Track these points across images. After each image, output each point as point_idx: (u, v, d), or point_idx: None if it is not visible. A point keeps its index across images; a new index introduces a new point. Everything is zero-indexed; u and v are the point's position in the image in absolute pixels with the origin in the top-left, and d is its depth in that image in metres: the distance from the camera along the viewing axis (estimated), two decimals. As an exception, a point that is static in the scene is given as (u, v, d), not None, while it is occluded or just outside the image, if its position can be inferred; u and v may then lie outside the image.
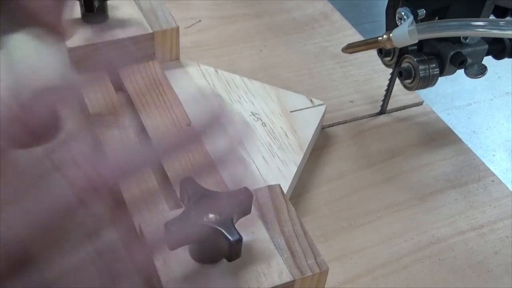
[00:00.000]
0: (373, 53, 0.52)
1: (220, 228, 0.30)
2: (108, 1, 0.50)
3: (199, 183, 0.33)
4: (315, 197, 0.46)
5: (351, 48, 0.50)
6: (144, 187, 0.40)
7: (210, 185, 0.41)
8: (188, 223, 0.31)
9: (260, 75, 0.57)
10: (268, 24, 0.64)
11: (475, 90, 1.30)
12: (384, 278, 0.41)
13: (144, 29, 0.50)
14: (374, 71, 0.59)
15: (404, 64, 0.49)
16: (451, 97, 1.27)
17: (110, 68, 0.27)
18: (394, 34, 0.45)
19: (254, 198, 0.34)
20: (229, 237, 0.30)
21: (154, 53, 0.51)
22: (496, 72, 1.33)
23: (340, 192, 0.47)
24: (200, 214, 0.32)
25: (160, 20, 0.51)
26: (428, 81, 0.48)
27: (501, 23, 0.40)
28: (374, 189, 0.48)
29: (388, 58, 0.51)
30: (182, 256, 0.33)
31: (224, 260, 0.33)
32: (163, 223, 0.32)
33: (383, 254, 0.43)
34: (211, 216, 0.32)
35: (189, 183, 0.33)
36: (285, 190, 0.41)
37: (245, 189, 0.33)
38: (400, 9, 0.45)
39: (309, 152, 0.48)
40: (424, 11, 0.44)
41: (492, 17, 0.46)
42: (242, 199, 0.32)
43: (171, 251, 0.32)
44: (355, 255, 0.43)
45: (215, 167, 0.28)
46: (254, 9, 0.66)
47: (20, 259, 0.22)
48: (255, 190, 0.38)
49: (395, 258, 0.43)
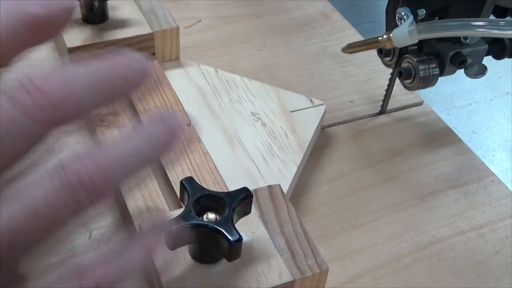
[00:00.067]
0: (373, 53, 0.52)
1: (220, 228, 0.30)
2: (108, 1, 0.50)
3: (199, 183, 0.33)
4: (315, 197, 0.46)
5: (351, 48, 0.50)
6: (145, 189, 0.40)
7: (210, 185, 0.41)
8: (188, 223, 0.31)
9: (260, 75, 0.56)
10: (268, 24, 0.64)
11: (475, 90, 1.30)
12: (384, 278, 0.41)
13: (144, 29, 0.50)
14: (374, 71, 0.59)
15: (404, 64, 0.49)
16: (451, 97, 1.27)
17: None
18: (394, 34, 0.45)
19: (254, 198, 0.34)
20: (229, 237, 0.30)
21: (154, 53, 0.51)
22: (496, 72, 1.33)
23: (340, 192, 0.47)
24: (200, 214, 0.32)
25: (160, 20, 0.51)
26: (428, 81, 0.48)
27: (501, 23, 0.40)
28: (374, 189, 0.47)
29: (388, 58, 0.51)
30: (182, 256, 0.33)
31: (224, 260, 0.33)
32: (163, 223, 0.32)
33: (383, 254, 0.43)
34: (211, 216, 0.32)
35: (189, 183, 0.33)
36: (285, 190, 0.41)
37: (245, 189, 0.33)
38: (400, 9, 0.45)
39: (309, 152, 0.48)
40: (424, 11, 0.44)
41: (492, 17, 0.46)
42: (242, 199, 0.32)
43: (171, 251, 0.32)
44: (355, 255, 0.43)
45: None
46: (254, 9, 0.66)
47: None
48: (255, 190, 0.38)
49: (395, 258, 0.43)
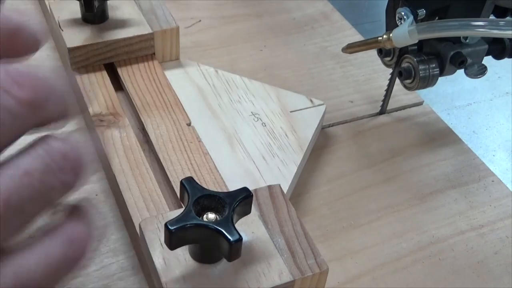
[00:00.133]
0: (373, 53, 0.52)
1: (220, 228, 0.30)
2: (108, 1, 0.50)
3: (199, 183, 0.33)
4: (315, 197, 0.46)
5: (351, 48, 0.50)
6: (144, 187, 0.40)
7: (210, 185, 0.41)
8: (188, 223, 0.31)
9: (260, 75, 0.56)
10: (268, 24, 0.64)
11: (475, 90, 1.30)
12: (384, 278, 0.41)
13: (144, 29, 0.50)
14: (374, 71, 0.59)
15: (404, 64, 0.49)
16: (451, 97, 1.27)
17: None
18: (394, 34, 0.45)
19: (254, 198, 0.34)
20: (229, 237, 0.30)
21: (154, 53, 0.51)
22: (496, 72, 1.33)
23: (340, 192, 0.47)
24: (200, 214, 0.32)
25: (160, 20, 0.51)
26: (428, 81, 0.48)
27: (501, 23, 0.40)
28: (374, 189, 0.47)
29: (388, 58, 0.51)
30: (182, 256, 0.33)
31: (224, 260, 0.33)
32: (163, 223, 0.32)
33: (383, 254, 0.43)
34: (211, 216, 0.32)
35: (189, 183, 0.33)
36: (285, 190, 0.41)
37: (245, 189, 0.33)
38: (400, 9, 0.45)
39: (309, 152, 0.48)
40: (424, 11, 0.44)
41: (492, 17, 0.46)
42: (242, 199, 0.32)
43: (171, 251, 0.32)
44: (355, 255, 0.43)
45: None
46: (254, 9, 0.66)
47: None
48: (255, 190, 0.38)
49: (395, 258, 0.43)
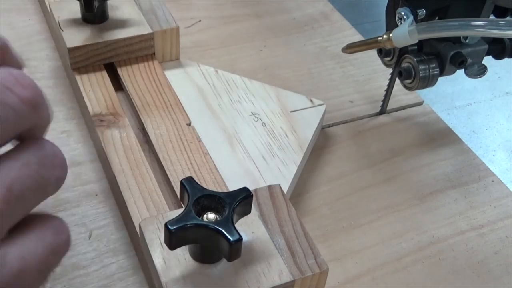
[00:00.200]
0: (373, 53, 0.52)
1: (220, 228, 0.30)
2: (108, 1, 0.50)
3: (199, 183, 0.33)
4: (315, 197, 0.46)
5: (351, 48, 0.50)
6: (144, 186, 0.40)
7: (210, 185, 0.41)
8: (188, 223, 0.31)
9: (260, 75, 0.56)
10: (268, 24, 0.64)
11: (475, 90, 1.30)
12: (384, 278, 0.41)
13: (144, 29, 0.50)
14: (374, 71, 0.59)
15: (404, 64, 0.49)
16: (451, 97, 1.27)
17: None
18: (394, 34, 0.45)
19: (254, 198, 0.34)
20: (229, 237, 0.30)
21: (154, 53, 0.51)
22: (496, 72, 1.33)
23: (340, 192, 0.47)
24: (200, 214, 0.32)
25: (160, 20, 0.51)
26: (428, 81, 0.48)
27: (501, 23, 0.40)
28: (374, 189, 0.47)
29: (388, 58, 0.51)
30: (182, 256, 0.33)
31: (224, 260, 0.33)
32: (163, 223, 0.32)
33: (383, 254, 0.43)
34: (211, 216, 0.32)
35: (189, 183, 0.33)
36: (285, 190, 0.41)
37: (245, 189, 0.33)
38: (400, 9, 0.45)
39: (309, 152, 0.48)
40: (424, 11, 0.44)
41: (492, 17, 0.46)
42: (242, 199, 0.32)
43: (171, 251, 0.32)
44: (355, 255, 0.43)
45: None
46: (254, 9, 0.66)
47: None
48: (255, 190, 0.38)
49: (395, 258, 0.43)
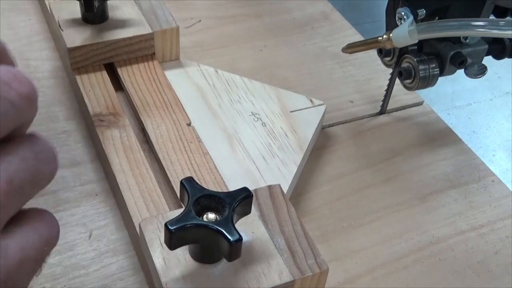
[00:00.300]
0: (373, 53, 0.52)
1: (220, 228, 0.30)
2: (108, 1, 0.50)
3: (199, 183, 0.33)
4: (315, 197, 0.46)
5: (351, 48, 0.50)
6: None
7: (210, 185, 0.41)
8: (188, 223, 0.31)
9: (260, 75, 0.56)
10: (268, 24, 0.64)
11: (475, 90, 1.30)
12: (384, 278, 0.41)
13: (144, 29, 0.50)
14: (374, 71, 0.59)
15: (404, 64, 0.49)
16: (451, 97, 1.27)
17: None
18: (394, 34, 0.45)
19: (254, 198, 0.34)
20: (229, 237, 0.30)
21: (154, 53, 0.51)
22: (496, 72, 1.33)
23: (340, 192, 0.47)
24: (200, 214, 0.32)
25: (160, 20, 0.51)
26: (428, 81, 0.48)
27: (501, 23, 0.40)
28: (374, 189, 0.47)
29: (388, 58, 0.51)
30: (182, 256, 0.33)
31: (224, 260, 0.33)
32: (163, 223, 0.32)
33: (383, 254, 0.43)
34: (211, 216, 0.32)
35: (189, 183, 0.33)
36: (285, 190, 0.41)
37: (245, 189, 0.33)
38: (400, 9, 0.45)
39: (309, 152, 0.48)
40: (424, 11, 0.44)
41: (492, 17, 0.46)
42: (242, 199, 0.32)
43: (171, 251, 0.32)
44: (355, 255, 0.43)
45: None
46: (254, 9, 0.66)
47: None
48: (255, 190, 0.38)
49: (395, 258, 0.43)
